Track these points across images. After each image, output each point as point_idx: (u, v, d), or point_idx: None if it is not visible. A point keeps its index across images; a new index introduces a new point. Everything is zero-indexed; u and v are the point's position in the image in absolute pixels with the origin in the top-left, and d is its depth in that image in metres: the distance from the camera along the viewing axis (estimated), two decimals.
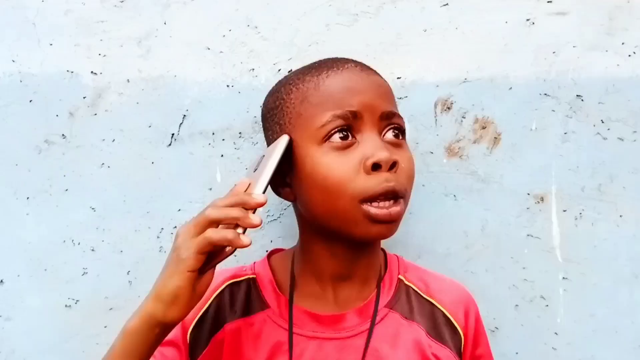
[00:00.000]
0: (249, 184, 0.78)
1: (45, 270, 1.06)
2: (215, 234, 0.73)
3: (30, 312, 1.05)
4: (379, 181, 0.80)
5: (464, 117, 1.07)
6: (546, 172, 1.07)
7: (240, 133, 1.07)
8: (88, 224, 1.06)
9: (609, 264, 1.06)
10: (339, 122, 0.81)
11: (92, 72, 1.06)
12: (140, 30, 1.06)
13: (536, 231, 1.07)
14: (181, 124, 1.07)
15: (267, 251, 1.05)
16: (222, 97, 1.06)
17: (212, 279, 0.76)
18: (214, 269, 0.76)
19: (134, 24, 1.06)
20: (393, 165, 0.80)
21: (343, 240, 0.85)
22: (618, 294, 1.06)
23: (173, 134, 1.07)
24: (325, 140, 0.81)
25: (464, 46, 1.07)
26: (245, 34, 1.07)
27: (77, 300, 1.06)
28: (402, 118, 0.86)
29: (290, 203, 1.06)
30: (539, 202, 1.07)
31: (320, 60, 0.90)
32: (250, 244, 0.72)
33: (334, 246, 0.86)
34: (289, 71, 1.06)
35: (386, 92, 0.87)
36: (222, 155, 1.07)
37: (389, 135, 0.84)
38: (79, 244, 1.06)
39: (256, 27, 1.07)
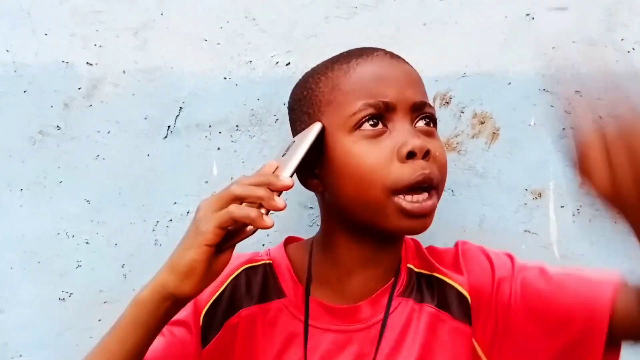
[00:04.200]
0: (277, 167, 0.77)
1: (39, 262, 1.05)
2: (238, 210, 0.71)
3: (24, 305, 1.05)
4: (415, 169, 0.78)
5: (462, 112, 1.07)
6: (544, 168, 1.06)
7: (237, 126, 1.06)
8: (82, 217, 1.05)
9: (606, 260, 1.06)
10: (371, 110, 0.80)
11: (87, 62, 1.05)
12: (137, 20, 1.05)
13: (534, 227, 1.06)
14: (177, 116, 1.06)
15: (263, 245, 1.05)
16: (219, 89, 1.06)
17: (229, 259, 0.75)
18: (233, 249, 0.75)
19: (131, 15, 1.05)
20: (427, 154, 0.79)
21: (371, 233, 0.84)
22: None
23: (169, 126, 1.06)
24: (356, 129, 0.80)
25: (463, 40, 1.06)
26: (243, 25, 1.06)
27: (71, 294, 1.05)
28: (433, 107, 0.84)
29: (286, 196, 1.05)
30: (536, 198, 1.06)
31: (348, 50, 0.88)
32: (272, 226, 0.71)
33: (361, 238, 0.85)
34: (287, 64, 1.05)
35: (417, 82, 0.85)
36: (218, 148, 1.06)
37: (421, 124, 0.82)
38: (73, 236, 1.05)
39: (254, 19, 1.06)
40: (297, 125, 0.87)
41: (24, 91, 1.05)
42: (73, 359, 1.01)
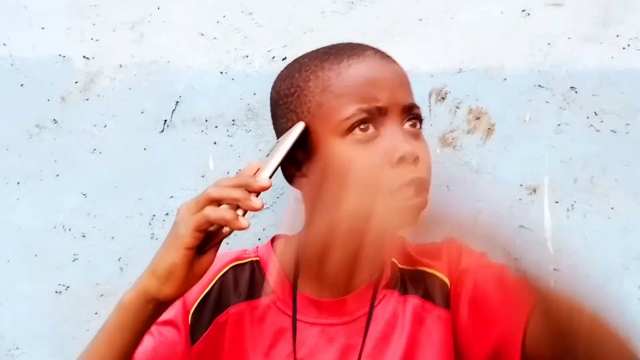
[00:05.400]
0: (258, 168, 0.77)
1: (36, 255, 1.05)
2: (214, 213, 0.72)
3: (20, 298, 1.05)
4: (404, 173, 0.79)
5: (458, 108, 1.07)
6: (539, 164, 1.07)
7: (233, 120, 1.06)
8: (79, 210, 1.05)
9: (600, 255, 1.07)
10: (364, 115, 0.80)
11: (84, 56, 1.05)
12: (134, 14, 1.05)
13: (528, 222, 1.07)
14: (174, 110, 1.06)
15: (259, 239, 1.05)
16: (216, 83, 1.06)
17: (212, 261, 0.76)
18: (216, 250, 0.76)
19: (127, 9, 1.05)
20: (416, 159, 0.80)
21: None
22: (609, 285, 1.07)
23: (165, 120, 1.06)
24: (348, 133, 0.80)
25: (459, 36, 1.06)
26: (240, 20, 1.06)
27: (68, 287, 1.05)
28: (419, 107, 0.85)
29: (282, 192, 1.06)
30: (531, 194, 1.07)
31: (335, 46, 0.87)
32: (248, 227, 0.72)
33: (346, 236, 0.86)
34: (283, 59, 1.05)
35: (406, 83, 0.86)
36: (215, 143, 1.06)
37: (408, 125, 0.83)
38: (69, 229, 1.05)
39: (250, 14, 1.06)
40: (283, 122, 0.86)
41: (21, 85, 1.05)
42: (69, 352, 1.02)
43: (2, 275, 1.05)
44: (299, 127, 0.81)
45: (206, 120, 1.06)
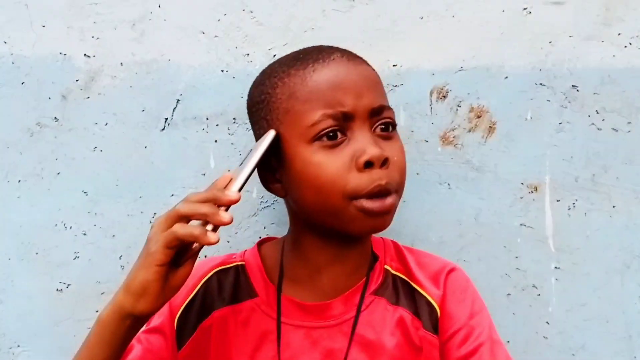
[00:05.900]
0: (230, 179, 0.77)
1: (37, 254, 1.05)
2: (182, 229, 0.72)
3: (21, 296, 1.05)
4: (372, 179, 0.79)
5: (459, 106, 1.07)
6: (540, 162, 1.07)
7: (234, 118, 1.06)
8: (80, 208, 1.05)
9: (601, 254, 1.07)
10: (330, 122, 0.79)
11: (85, 55, 1.05)
12: (134, 13, 1.05)
13: (529, 221, 1.07)
14: (175, 108, 1.06)
15: (260, 237, 1.05)
16: (217, 82, 1.06)
17: (189, 273, 0.76)
18: (192, 262, 0.76)
19: (128, 7, 1.05)
20: (385, 162, 0.79)
21: (335, 234, 0.85)
22: (610, 283, 1.07)
23: (166, 119, 1.06)
24: (315, 139, 0.80)
25: (460, 34, 1.06)
26: (241, 18, 1.06)
27: (69, 285, 1.05)
28: (392, 110, 0.84)
29: None
30: (532, 192, 1.07)
31: (304, 50, 0.87)
32: (217, 242, 0.71)
33: (326, 239, 0.86)
34: None
35: (375, 84, 0.84)
36: (215, 141, 1.06)
37: (379, 129, 0.82)
38: (70, 228, 1.05)
39: (251, 12, 1.06)
40: (257, 128, 0.87)
41: (22, 83, 1.05)
42: (70, 350, 1.02)
43: (3, 273, 1.05)
44: (269, 136, 0.80)
45: (207, 119, 1.06)
